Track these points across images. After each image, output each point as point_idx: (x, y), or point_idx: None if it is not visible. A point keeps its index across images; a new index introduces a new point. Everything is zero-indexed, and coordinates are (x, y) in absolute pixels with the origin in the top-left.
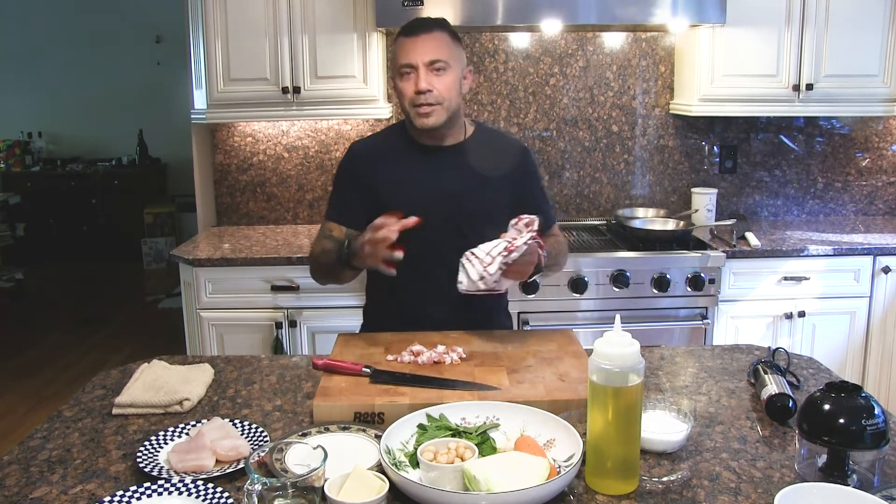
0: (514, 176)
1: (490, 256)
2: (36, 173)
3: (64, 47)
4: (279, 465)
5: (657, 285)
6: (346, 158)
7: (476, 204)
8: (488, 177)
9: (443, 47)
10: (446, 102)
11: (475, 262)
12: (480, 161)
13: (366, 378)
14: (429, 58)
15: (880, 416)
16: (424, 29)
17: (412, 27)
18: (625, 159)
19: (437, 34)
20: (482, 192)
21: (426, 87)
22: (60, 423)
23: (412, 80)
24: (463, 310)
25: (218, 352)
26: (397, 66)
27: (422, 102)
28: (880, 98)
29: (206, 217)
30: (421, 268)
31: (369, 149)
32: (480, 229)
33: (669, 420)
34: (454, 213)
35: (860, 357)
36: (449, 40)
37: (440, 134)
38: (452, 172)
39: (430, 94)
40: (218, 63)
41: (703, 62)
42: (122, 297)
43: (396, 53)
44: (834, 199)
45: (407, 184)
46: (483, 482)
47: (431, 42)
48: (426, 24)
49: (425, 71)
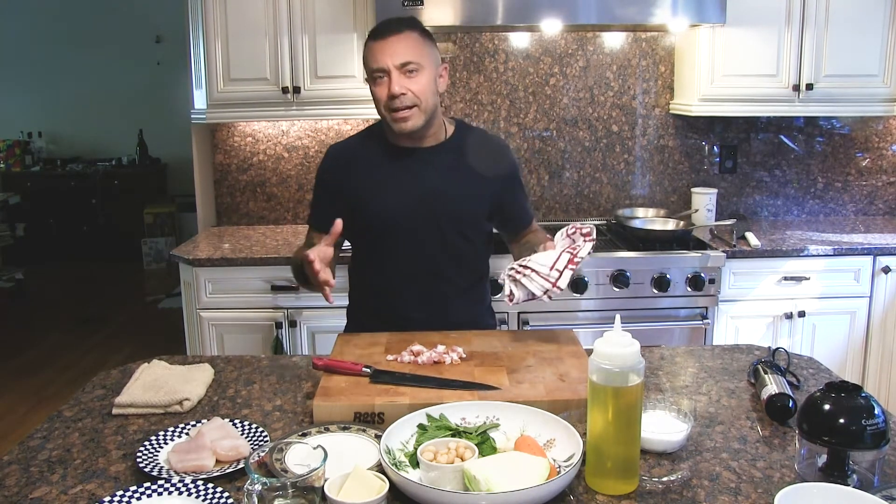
0: (496, 174)
1: (557, 271)
2: (36, 173)
3: (64, 47)
4: (279, 465)
5: (657, 285)
6: (323, 163)
7: (458, 204)
8: (469, 176)
9: (413, 48)
10: (423, 104)
11: (535, 277)
12: (461, 161)
13: (366, 378)
14: (400, 60)
15: (880, 416)
16: (393, 31)
17: (380, 30)
18: (625, 159)
19: (406, 35)
20: (464, 191)
21: (399, 90)
22: (60, 423)
23: (385, 85)
24: (445, 311)
25: (218, 352)
26: (369, 71)
27: (397, 107)
28: (880, 98)
29: (206, 217)
30: (402, 269)
31: (347, 152)
32: (462, 229)
33: (669, 420)
34: (435, 214)
35: (860, 357)
36: (420, 39)
37: (419, 136)
38: (433, 173)
39: (405, 98)
40: (218, 63)
41: (703, 62)
42: (122, 297)
43: (366, 58)
44: (834, 199)
45: (387, 186)
46: (483, 482)
47: (401, 44)
48: (394, 25)
49: (398, 74)
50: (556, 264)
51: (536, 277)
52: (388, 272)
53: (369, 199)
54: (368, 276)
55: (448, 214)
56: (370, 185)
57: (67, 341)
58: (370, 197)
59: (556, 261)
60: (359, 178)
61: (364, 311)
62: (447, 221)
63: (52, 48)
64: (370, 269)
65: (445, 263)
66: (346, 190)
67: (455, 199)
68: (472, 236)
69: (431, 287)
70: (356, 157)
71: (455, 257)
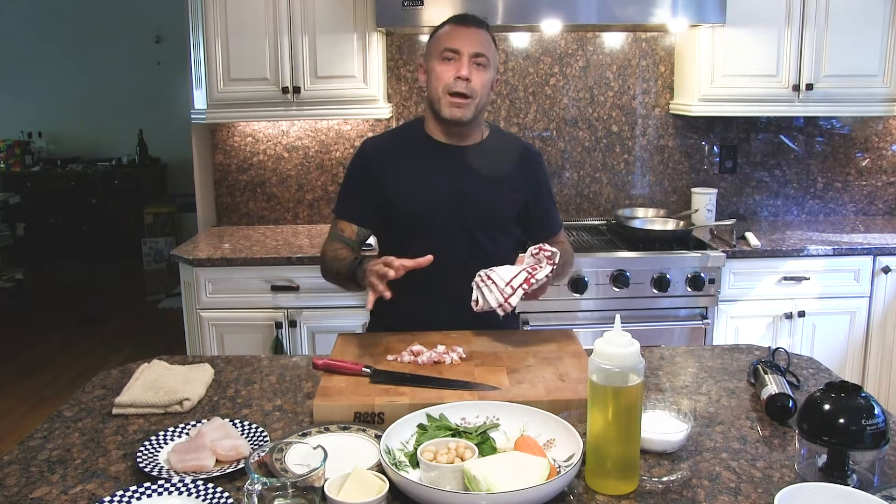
0: (527, 180)
1: (511, 288)
2: (36, 173)
3: (64, 47)
4: (279, 465)
5: (657, 285)
6: (357, 156)
7: (488, 206)
8: (502, 180)
9: (489, 45)
10: (478, 99)
11: (493, 289)
12: (495, 163)
13: (366, 378)
14: (476, 49)
15: (880, 416)
16: (476, 23)
17: (464, 18)
18: (625, 159)
19: (486, 33)
20: (495, 194)
21: (467, 74)
22: (60, 423)
23: (453, 66)
24: (471, 311)
25: (218, 352)
26: (440, 48)
27: (459, 91)
28: (880, 98)
29: (206, 217)
30: (430, 267)
31: (383, 147)
32: (490, 231)
33: (669, 420)
34: (466, 214)
35: (860, 357)
36: (492, 41)
37: (461, 132)
38: (467, 173)
39: (468, 85)
40: (218, 63)
41: (703, 62)
42: (122, 297)
43: (440, 37)
44: (834, 199)
45: (420, 183)
46: (483, 482)
47: (480, 36)
48: (477, 19)
49: (469, 61)
50: (513, 281)
51: (494, 289)
52: (418, 270)
53: (402, 194)
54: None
55: (478, 215)
56: (404, 181)
57: (67, 341)
58: (404, 192)
59: (514, 277)
60: (393, 173)
61: (391, 308)
62: (477, 222)
63: (52, 48)
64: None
65: (473, 263)
66: (382, 184)
67: (486, 201)
68: (499, 239)
69: (458, 286)
70: (392, 152)
71: (483, 258)
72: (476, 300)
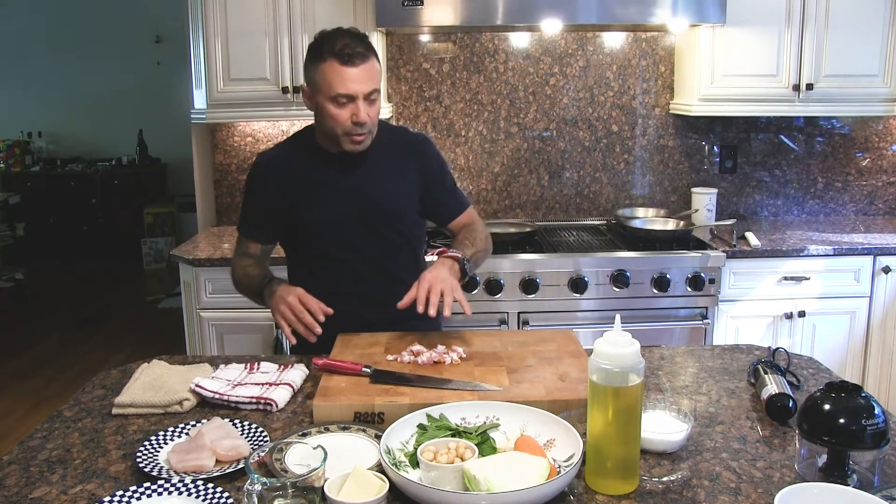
0: (421, 168)
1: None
2: (36, 173)
3: (64, 47)
4: (279, 465)
5: (657, 285)
6: (252, 171)
7: (389, 203)
8: (397, 174)
9: (377, 76)
10: (375, 127)
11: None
12: (388, 160)
13: (366, 378)
14: (368, 89)
15: (880, 416)
16: (361, 57)
17: (348, 55)
18: (625, 159)
19: (371, 62)
20: (393, 189)
21: (366, 118)
22: (60, 423)
23: (349, 109)
24: (393, 307)
25: (218, 352)
26: (331, 92)
27: (359, 132)
28: (880, 98)
29: (206, 217)
30: (346, 272)
31: (277, 159)
32: (396, 227)
33: (669, 420)
34: (370, 216)
35: (860, 357)
36: (376, 61)
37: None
38: (362, 174)
39: (367, 125)
40: (218, 63)
41: (703, 62)
42: (122, 297)
43: (330, 80)
44: (834, 199)
45: (319, 191)
46: (483, 482)
47: (368, 72)
48: (360, 51)
49: (363, 102)
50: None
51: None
52: (332, 277)
53: (303, 205)
54: (312, 283)
55: (381, 214)
56: (303, 190)
57: (67, 341)
58: (304, 203)
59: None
60: (291, 184)
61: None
62: (381, 221)
63: (52, 48)
64: (312, 275)
65: (386, 261)
66: (281, 198)
67: (385, 197)
68: (406, 232)
69: (376, 286)
70: (287, 164)
71: (394, 254)
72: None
